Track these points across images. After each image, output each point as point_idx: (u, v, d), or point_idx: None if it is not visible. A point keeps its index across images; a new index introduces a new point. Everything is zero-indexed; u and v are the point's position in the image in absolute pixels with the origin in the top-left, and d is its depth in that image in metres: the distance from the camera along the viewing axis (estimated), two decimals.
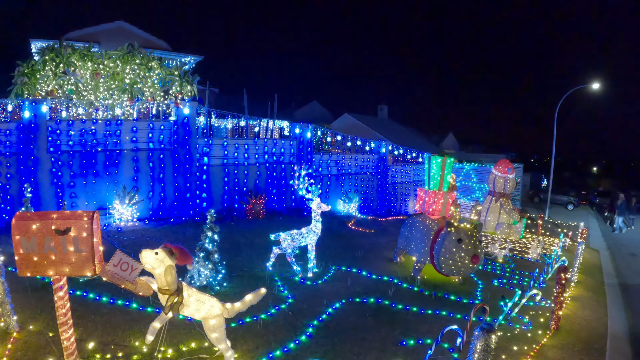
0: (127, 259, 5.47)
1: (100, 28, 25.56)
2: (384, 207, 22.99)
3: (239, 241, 13.27)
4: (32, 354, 6.43)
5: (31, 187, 12.81)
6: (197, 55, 26.25)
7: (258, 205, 17.75)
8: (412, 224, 12.21)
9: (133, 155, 16.60)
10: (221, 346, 6.05)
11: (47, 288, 8.69)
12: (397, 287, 10.30)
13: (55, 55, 17.13)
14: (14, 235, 5.29)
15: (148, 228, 14.95)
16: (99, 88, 18.38)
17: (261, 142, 19.17)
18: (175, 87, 18.20)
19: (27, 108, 15.33)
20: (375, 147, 23.00)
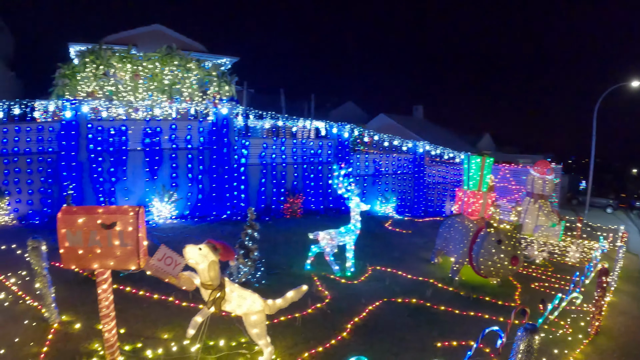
0: (171, 254, 5.58)
1: (138, 31, 25.99)
2: (420, 207, 22.80)
3: (277, 239, 13.37)
4: (73, 344, 6.61)
5: (72, 184, 13.16)
6: (233, 57, 26.45)
7: (296, 205, 17.86)
8: (450, 224, 12.09)
9: (172, 154, 16.90)
10: (261, 342, 6.11)
11: (88, 281, 8.87)
12: (435, 288, 10.22)
13: (96, 57, 17.58)
14: (59, 229, 5.43)
15: (186, 226, 15.22)
16: (139, 89, 18.78)
17: (299, 142, 19.29)
18: (213, 88, 18.45)
19: (68, 108, 15.78)
20: (412, 148, 22.88)
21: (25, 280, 8.95)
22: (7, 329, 7.04)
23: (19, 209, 15.71)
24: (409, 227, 17.52)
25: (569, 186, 44.01)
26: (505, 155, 45.98)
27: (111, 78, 18.55)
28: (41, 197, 15.97)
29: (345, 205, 17.58)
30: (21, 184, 15.79)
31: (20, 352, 6.35)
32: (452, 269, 11.15)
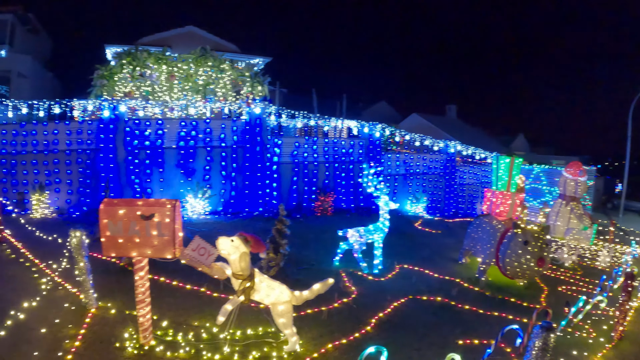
0: (204, 245, 5.93)
1: (172, 33, 26.52)
2: (451, 208, 22.77)
3: (307, 236, 13.58)
4: (109, 328, 6.99)
5: (110, 180, 13.67)
6: (266, 57, 26.77)
7: (326, 203, 18.08)
8: (478, 224, 12.14)
9: (206, 152, 17.36)
10: (287, 331, 6.38)
11: (124, 271, 9.45)
12: (461, 288, 10.28)
13: (132, 59, 18.15)
14: (101, 219, 5.85)
15: (219, 221, 15.59)
16: (174, 89, 19.33)
17: (330, 141, 19.52)
18: (246, 88, 18.81)
19: (107, 108, 16.42)
20: (443, 148, 22.87)
21: (66, 268, 9.44)
22: (48, 311, 7.50)
23: (59, 203, 16.39)
24: (439, 227, 17.55)
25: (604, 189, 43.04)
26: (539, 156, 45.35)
27: (147, 79, 19.13)
28: (79, 191, 16.66)
29: (375, 204, 17.78)
30: (61, 179, 16.51)
31: (60, 333, 6.77)
32: (478, 269, 11.19)
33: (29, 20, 30.58)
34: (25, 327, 6.87)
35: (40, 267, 9.80)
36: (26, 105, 17.79)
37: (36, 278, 9.21)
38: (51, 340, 6.55)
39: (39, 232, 12.75)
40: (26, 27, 30.85)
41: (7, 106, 17.70)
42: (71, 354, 6.10)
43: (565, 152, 51.95)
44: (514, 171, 14.34)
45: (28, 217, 15.29)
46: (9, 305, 7.62)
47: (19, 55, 28.54)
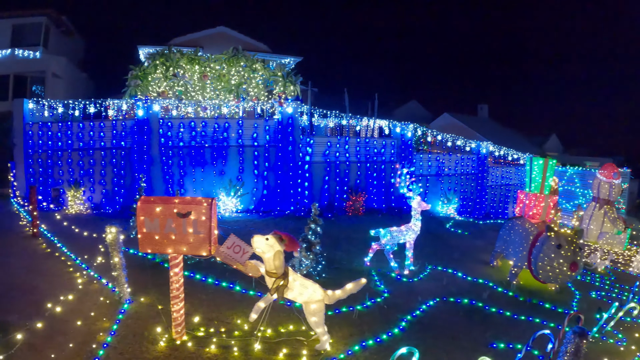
0: (239, 242, 6.01)
1: (203, 34, 26.98)
2: (482, 209, 22.56)
3: (339, 236, 13.59)
4: (142, 322, 7.14)
5: (144, 177, 13.91)
6: (297, 56, 26.89)
7: (358, 202, 18.08)
8: (511, 227, 11.93)
9: (239, 151, 17.56)
10: (318, 330, 6.42)
11: (157, 266, 9.74)
12: (492, 291, 10.18)
13: (165, 59, 18.46)
14: (138, 216, 5.99)
15: (251, 219, 15.73)
16: (206, 89, 19.62)
17: (362, 141, 19.49)
18: (278, 88, 18.93)
19: (141, 107, 16.78)
20: (475, 148, 22.68)
21: (101, 263, 9.69)
22: (83, 305, 7.73)
23: (93, 199, 16.83)
24: (470, 228, 17.40)
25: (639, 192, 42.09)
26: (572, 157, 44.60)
27: (180, 79, 19.42)
28: (114, 189, 17.06)
29: (406, 204, 17.67)
30: (95, 176, 17.01)
31: (94, 326, 6.95)
32: (510, 273, 11.00)
33: (62, 22, 31.53)
34: (61, 319, 7.07)
35: (75, 261, 10.07)
36: (62, 104, 18.20)
37: (71, 272, 9.49)
38: (85, 333, 6.72)
39: (75, 227, 13.03)
40: (60, 30, 31.81)
41: (43, 105, 18.15)
42: (105, 347, 6.25)
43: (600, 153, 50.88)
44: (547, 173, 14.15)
45: (63, 212, 15.69)
46: (44, 297, 7.90)
47: (54, 57, 29.36)
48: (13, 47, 28.98)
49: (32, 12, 29.72)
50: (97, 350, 6.14)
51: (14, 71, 28.57)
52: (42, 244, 11.35)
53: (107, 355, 6.10)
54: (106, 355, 6.08)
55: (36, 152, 17.30)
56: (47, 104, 18.30)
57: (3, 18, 29.57)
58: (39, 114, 18.13)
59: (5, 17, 29.61)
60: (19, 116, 17.50)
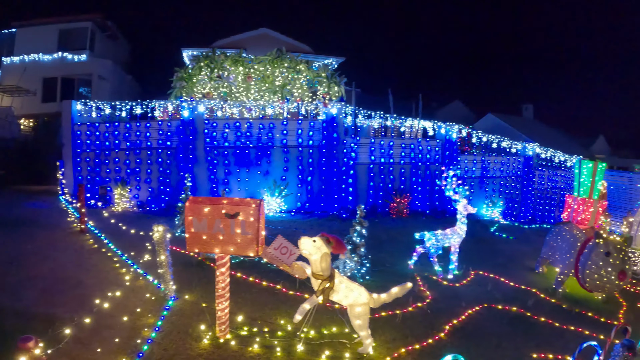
0: (286, 244, 6.06)
1: (246, 35, 27.29)
2: (528, 213, 21.99)
3: (382, 238, 13.55)
4: (186, 319, 7.25)
5: (189, 177, 14.14)
6: (339, 57, 26.87)
7: (402, 205, 17.96)
8: (558, 232, 11.61)
9: (283, 152, 17.67)
10: (362, 333, 6.38)
11: (202, 265, 9.90)
12: (537, 298, 9.94)
13: (210, 61, 18.73)
14: (187, 216, 6.09)
15: (295, 220, 15.83)
16: (251, 90, 19.82)
17: (407, 142, 19.34)
18: (322, 88, 18.94)
19: (186, 108, 17.12)
20: (520, 150, 22.22)
21: (146, 260, 9.94)
22: (129, 300, 7.92)
23: (139, 197, 17.17)
24: (515, 233, 17.05)
25: None
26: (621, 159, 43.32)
27: (225, 80, 19.67)
28: (159, 187, 17.38)
29: (451, 207, 17.48)
30: (142, 175, 17.40)
31: (139, 322, 7.11)
32: (556, 280, 10.68)
33: (107, 27, 32.66)
34: (107, 314, 7.25)
35: (121, 257, 10.30)
36: (109, 106, 18.64)
37: (117, 268, 9.72)
38: (130, 328, 6.88)
39: (121, 225, 13.30)
40: (105, 34, 32.97)
41: (90, 107, 18.61)
42: (149, 342, 6.38)
43: None
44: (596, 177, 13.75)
45: (110, 210, 16.04)
46: (90, 292, 8.13)
47: (100, 60, 30.55)
48: (60, 51, 30.14)
49: (78, 17, 30.98)
50: (142, 345, 6.27)
51: (62, 74, 29.89)
52: (89, 240, 11.64)
53: (151, 350, 6.23)
54: (150, 351, 6.20)
55: (84, 152, 17.75)
56: (95, 105, 18.76)
57: (50, 24, 30.94)
58: (86, 114, 18.59)
59: (52, 23, 30.95)
60: (67, 117, 17.96)
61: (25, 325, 6.58)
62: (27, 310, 7.17)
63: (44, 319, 6.88)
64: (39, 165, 19.31)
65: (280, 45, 21.02)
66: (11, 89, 27.25)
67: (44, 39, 30.26)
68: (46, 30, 30.52)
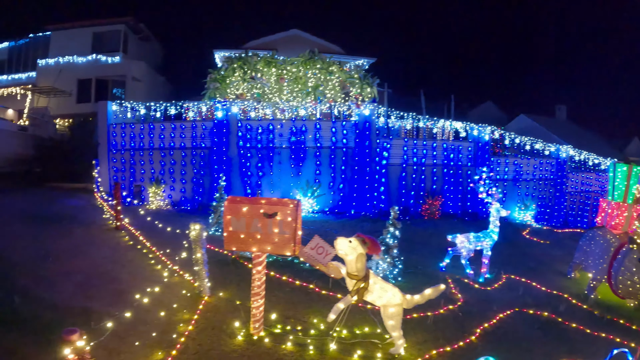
0: (323, 244, 6.16)
1: (277, 37, 27.52)
2: (561, 217, 21.69)
3: (414, 239, 13.52)
4: (221, 316, 7.42)
5: (223, 176, 14.34)
6: (370, 58, 26.86)
7: (434, 206, 17.92)
8: (591, 237, 11.37)
9: (316, 152, 17.80)
10: (394, 334, 6.44)
11: (236, 263, 10.05)
12: (569, 304, 9.82)
13: (243, 63, 18.90)
14: (225, 215, 6.25)
15: (327, 220, 15.92)
16: (283, 91, 19.98)
17: (439, 144, 19.27)
18: (355, 89, 18.98)
19: (220, 109, 17.39)
20: (554, 152, 21.93)
21: (181, 257, 10.09)
22: (165, 296, 8.12)
23: (173, 196, 17.53)
24: (548, 237, 16.79)
25: None
26: None
27: (258, 81, 19.86)
28: (192, 187, 17.71)
29: (482, 209, 17.40)
30: (175, 174, 17.75)
31: (175, 317, 7.31)
32: (588, 286, 10.49)
33: (140, 29, 33.48)
34: (143, 309, 7.45)
35: (156, 254, 10.54)
36: (143, 106, 19.01)
37: (152, 264, 9.96)
38: (166, 323, 7.07)
39: (157, 222, 13.55)
40: (138, 36, 33.79)
41: (125, 107, 19.03)
42: (184, 337, 6.55)
43: None
44: (631, 180, 13.48)
45: (144, 207, 16.34)
46: (126, 287, 8.39)
47: (133, 61, 31.29)
48: (94, 53, 30.96)
49: (111, 20, 31.85)
50: (177, 340, 6.45)
51: (96, 75, 30.78)
52: (125, 237, 11.90)
53: (187, 345, 6.39)
54: (185, 345, 6.37)
55: (119, 151, 18.18)
56: (130, 106, 19.19)
57: (84, 27, 31.85)
58: (121, 115, 19.06)
59: (86, 26, 31.85)
60: (103, 117, 18.41)
61: (63, 317, 6.83)
62: (64, 304, 7.41)
63: (80, 312, 7.12)
64: (75, 163, 19.72)
65: (310, 46, 21.16)
66: (47, 90, 27.90)
67: (78, 42, 31.19)
68: (80, 33, 31.46)
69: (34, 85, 29.44)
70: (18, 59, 34.01)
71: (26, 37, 33.86)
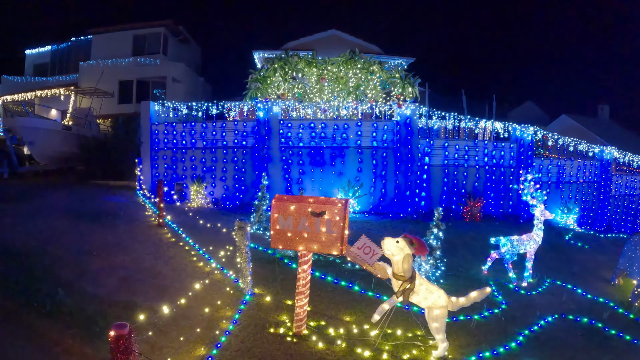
0: (370, 244, 6.18)
1: (315, 37, 27.62)
2: (604, 221, 21.18)
3: (455, 242, 13.37)
4: (263, 314, 7.50)
5: (265, 175, 14.48)
6: (409, 57, 26.69)
7: (475, 208, 17.72)
8: (636, 243, 11.11)
9: (357, 152, 17.81)
10: (439, 336, 6.41)
11: (278, 262, 10.07)
12: (612, 311, 9.58)
13: (284, 63, 19.06)
14: (272, 214, 6.34)
15: (368, 220, 15.91)
16: (324, 91, 20.04)
17: (481, 144, 19.03)
18: (396, 89, 18.91)
19: (261, 109, 17.56)
20: (598, 153, 21.39)
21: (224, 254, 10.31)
22: (207, 293, 8.25)
23: (214, 194, 17.73)
24: (591, 242, 16.48)
25: None
26: None
27: (299, 81, 19.97)
28: (234, 185, 17.92)
29: (525, 212, 17.15)
30: (217, 173, 17.99)
31: (218, 314, 7.42)
32: (633, 293, 10.22)
33: (179, 32, 34.40)
34: (186, 304, 7.55)
35: (198, 251, 10.71)
36: (185, 106, 19.33)
37: (194, 261, 10.13)
38: (209, 319, 7.19)
39: (198, 219, 13.75)
40: (177, 38, 34.72)
41: (168, 107, 19.37)
42: (226, 334, 6.65)
43: None
44: None
45: (186, 205, 16.61)
46: (169, 283, 8.58)
47: (173, 63, 32.19)
48: (134, 56, 32.03)
49: (151, 24, 32.82)
50: (220, 337, 6.55)
51: (137, 77, 31.80)
52: (167, 234, 12.11)
53: (229, 341, 6.49)
54: (228, 342, 6.47)
55: (161, 150, 18.52)
56: (172, 106, 19.52)
57: (125, 30, 33.01)
58: (163, 115, 19.41)
59: (126, 29, 32.98)
60: (145, 117, 18.80)
61: (106, 311, 7.02)
62: (108, 297, 7.60)
63: (123, 305, 7.31)
64: (118, 162, 20.18)
65: (349, 46, 21.19)
66: (89, 91, 28.59)
67: (119, 45, 32.31)
68: (121, 36, 32.58)
69: (77, 87, 30.20)
70: (61, 61, 35.27)
71: (68, 41, 34.95)
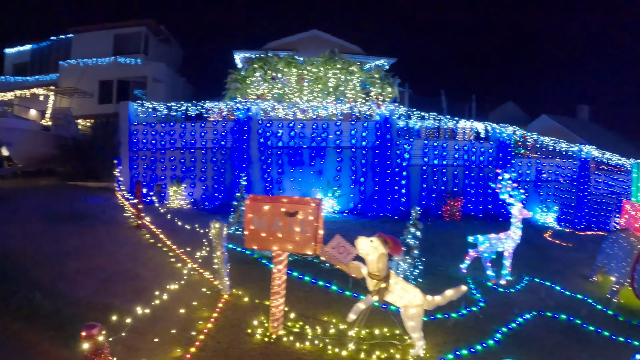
0: (344, 243, 6.15)
1: (297, 37, 27.63)
2: (583, 219, 21.28)
3: (434, 241, 13.38)
4: (240, 314, 7.46)
5: (243, 175, 14.43)
6: (390, 58, 26.75)
7: (455, 207, 17.81)
8: (614, 240, 11.17)
9: (336, 152, 17.85)
10: (415, 335, 6.39)
11: (256, 262, 10.11)
12: (591, 308, 9.67)
13: (264, 63, 19.05)
14: (246, 214, 6.29)
15: (347, 220, 15.93)
16: (304, 91, 20.03)
17: (460, 144, 19.15)
18: (376, 90, 18.96)
19: (240, 109, 17.51)
20: (576, 153, 21.54)
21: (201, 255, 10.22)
22: (185, 293, 8.19)
23: (193, 195, 17.65)
24: (570, 239, 16.60)
25: None
26: None
27: (279, 81, 19.93)
28: (213, 186, 17.87)
29: (504, 211, 17.24)
30: (196, 174, 17.95)
31: (194, 314, 7.37)
32: (611, 290, 10.32)
33: (160, 31, 34.06)
34: (163, 306, 7.49)
35: (177, 252, 10.64)
36: (165, 107, 19.18)
37: (173, 262, 10.07)
38: (186, 320, 7.13)
39: (176, 221, 13.67)
40: (158, 38, 34.33)
41: (147, 107, 19.23)
42: (204, 335, 6.60)
43: None
44: None
45: (165, 206, 16.47)
46: (147, 284, 8.49)
47: (153, 63, 31.76)
48: (115, 55, 31.50)
49: (132, 23, 32.39)
50: (196, 337, 6.50)
51: (117, 76, 31.36)
52: (146, 235, 12.05)
53: (206, 342, 6.43)
54: (204, 343, 6.40)
55: (140, 150, 18.40)
56: (151, 106, 19.35)
57: (106, 29, 32.47)
58: (142, 115, 19.28)
59: (107, 29, 32.45)
60: (124, 117, 18.65)
61: (84, 313, 6.92)
62: (86, 300, 7.54)
63: (101, 308, 7.22)
64: (97, 163, 19.95)
65: (330, 47, 21.22)
66: (69, 91, 28.28)
67: (99, 44, 31.80)
68: (101, 35, 32.08)
69: (56, 87, 29.89)
70: (40, 61, 34.75)
71: (48, 40, 34.52)
